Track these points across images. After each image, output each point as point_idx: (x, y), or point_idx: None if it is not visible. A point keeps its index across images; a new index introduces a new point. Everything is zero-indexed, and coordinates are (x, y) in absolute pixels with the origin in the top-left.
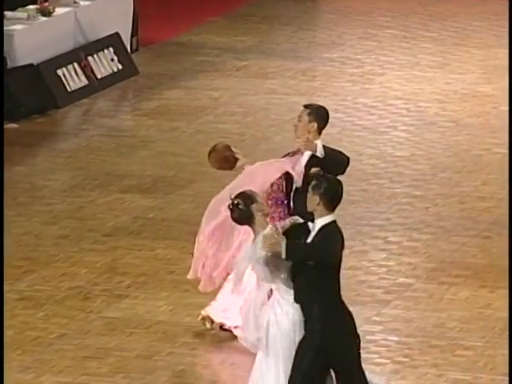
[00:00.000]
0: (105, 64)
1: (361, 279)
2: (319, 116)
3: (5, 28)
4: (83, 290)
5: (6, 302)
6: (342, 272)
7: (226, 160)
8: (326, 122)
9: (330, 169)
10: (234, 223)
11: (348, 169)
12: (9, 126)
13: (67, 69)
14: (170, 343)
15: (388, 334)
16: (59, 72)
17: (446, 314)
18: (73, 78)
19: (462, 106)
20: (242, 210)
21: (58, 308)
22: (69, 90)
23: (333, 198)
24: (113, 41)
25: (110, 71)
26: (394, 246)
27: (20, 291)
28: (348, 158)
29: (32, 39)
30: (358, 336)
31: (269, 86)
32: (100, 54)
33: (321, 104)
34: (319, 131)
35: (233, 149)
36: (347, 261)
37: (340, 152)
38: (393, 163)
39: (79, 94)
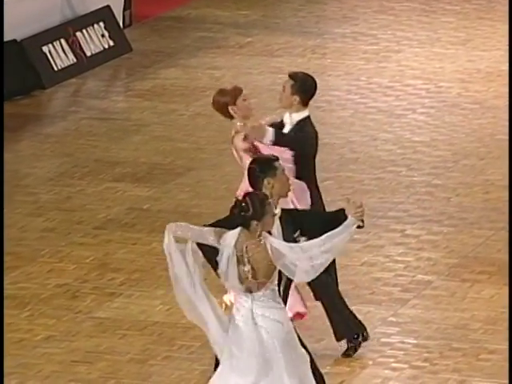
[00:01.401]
0: (95, 40)
1: (376, 276)
2: (302, 89)
3: None
4: (71, 288)
5: None
6: (357, 268)
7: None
8: (312, 94)
9: (288, 145)
10: None
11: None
12: None
13: (53, 45)
14: (167, 346)
15: (405, 336)
16: (45, 49)
17: (469, 314)
18: (60, 56)
19: (486, 86)
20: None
21: (43, 308)
22: (55, 68)
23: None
24: (103, 15)
25: (101, 48)
26: (412, 240)
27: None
28: (311, 146)
29: (15, 13)
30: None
31: (275, 65)
32: (89, 29)
33: (308, 73)
34: (303, 103)
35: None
36: (361, 256)
37: (308, 133)
38: (411, 149)
39: (67, 74)
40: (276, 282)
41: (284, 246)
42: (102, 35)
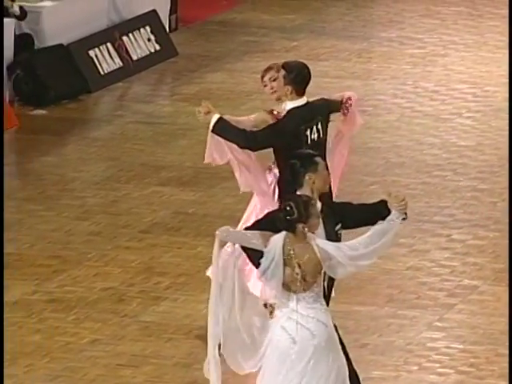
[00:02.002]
0: (141, 44)
1: (422, 281)
2: (296, 80)
3: (32, 5)
4: (117, 292)
5: (33, 304)
6: (402, 272)
7: None
8: (306, 83)
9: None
10: None
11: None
12: (36, 112)
13: (100, 49)
14: None
15: (451, 342)
16: (91, 53)
17: None
18: (106, 60)
19: None
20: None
21: (89, 311)
22: (102, 72)
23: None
24: (150, 19)
25: (147, 52)
26: (458, 245)
27: (49, 292)
28: (291, 133)
29: (62, 17)
30: None
31: (321, 69)
32: (136, 33)
33: (303, 62)
34: (297, 93)
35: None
36: (407, 260)
37: (282, 124)
38: (457, 153)
39: (113, 77)
40: (321, 283)
41: (331, 246)
42: (148, 39)
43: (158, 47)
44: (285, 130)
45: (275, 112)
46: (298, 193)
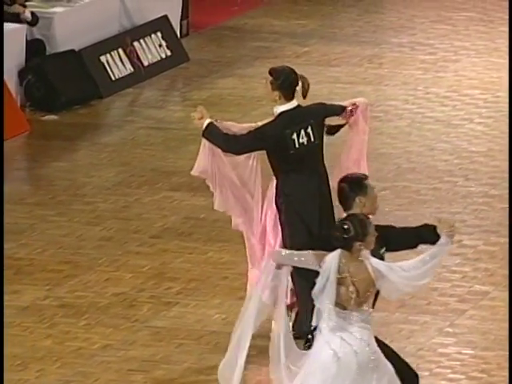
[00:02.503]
0: (152, 50)
1: (432, 286)
2: (282, 85)
3: (44, 10)
4: (128, 297)
5: (45, 309)
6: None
7: None
8: (294, 87)
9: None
10: None
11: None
12: (48, 117)
13: (111, 55)
14: (223, 355)
15: (462, 347)
16: (102, 59)
17: None
18: (117, 66)
19: None
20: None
21: (101, 316)
22: (113, 78)
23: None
24: (161, 25)
25: (158, 58)
26: (469, 250)
27: (60, 298)
28: (263, 141)
29: (73, 23)
30: None
31: (332, 74)
32: (147, 39)
33: (290, 67)
34: (286, 98)
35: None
36: None
37: (270, 126)
38: (468, 159)
39: (124, 83)
40: (371, 303)
41: (383, 266)
42: (160, 45)
43: (169, 53)
44: (267, 134)
45: None
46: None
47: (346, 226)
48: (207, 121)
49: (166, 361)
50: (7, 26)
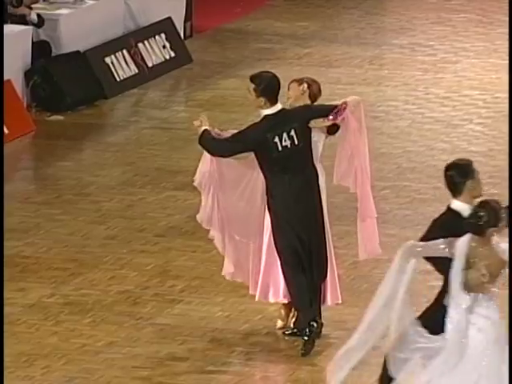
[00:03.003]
0: (156, 51)
1: (432, 284)
2: (265, 90)
3: (49, 12)
4: (133, 295)
5: (50, 307)
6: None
7: None
8: (277, 91)
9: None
10: None
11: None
12: (53, 117)
13: (116, 56)
14: (226, 352)
15: None
16: (107, 60)
17: None
18: (122, 67)
19: None
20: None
21: (105, 314)
22: (117, 79)
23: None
24: (165, 26)
25: (162, 59)
26: None
27: (65, 295)
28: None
29: (79, 24)
30: None
31: (333, 75)
32: (151, 40)
33: (270, 72)
34: (271, 102)
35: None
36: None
37: (247, 132)
38: None
39: (129, 84)
40: (498, 284)
41: None
42: (164, 46)
43: (172, 54)
44: (248, 137)
45: None
46: (456, 200)
47: (481, 213)
48: (203, 128)
49: (170, 357)
50: (14, 27)
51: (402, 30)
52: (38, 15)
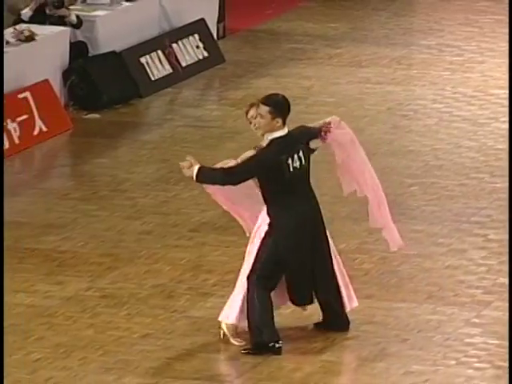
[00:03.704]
0: (190, 51)
1: (459, 279)
2: (283, 111)
3: (87, 14)
4: (167, 288)
5: (87, 300)
6: (441, 271)
7: None
8: (289, 111)
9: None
10: None
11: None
12: (90, 116)
13: (151, 56)
14: None
15: (488, 337)
16: (142, 60)
17: None
18: (156, 66)
19: None
20: None
21: (141, 307)
22: (152, 78)
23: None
24: (198, 27)
25: (196, 59)
26: (494, 245)
27: (102, 289)
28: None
29: (115, 25)
30: None
31: (362, 75)
32: (185, 40)
33: (277, 93)
34: (284, 123)
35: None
36: (445, 259)
37: (261, 156)
38: (494, 156)
39: (163, 83)
40: None
41: None
42: (197, 46)
43: (206, 54)
44: (265, 161)
45: (259, 146)
46: None
47: None
48: (196, 166)
49: (203, 350)
50: (52, 28)
51: (430, 31)
52: (77, 16)
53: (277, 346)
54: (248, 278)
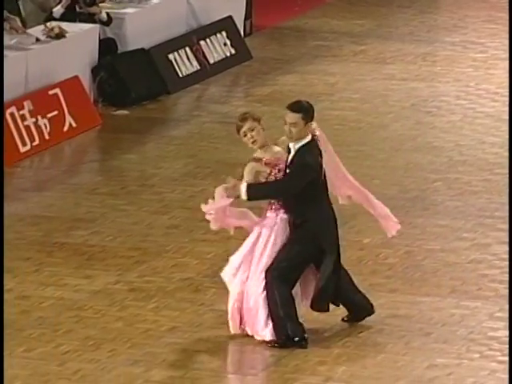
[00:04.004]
0: (217, 48)
1: (483, 273)
2: (312, 114)
3: (115, 11)
4: (194, 282)
5: (116, 293)
6: (465, 265)
7: None
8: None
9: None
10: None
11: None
12: (119, 112)
13: (179, 53)
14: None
15: None
16: (170, 57)
17: None
18: (184, 63)
19: None
20: None
21: (168, 300)
22: (180, 75)
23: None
24: (226, 24)
25: (223, 56)
26: None
27: (130, 282)
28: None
29: (143, 23)
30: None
31: (387, 72)
32: (212, 38)
33: (301, 99)
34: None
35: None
36: (469, 254)
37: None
38: None
39: (191, 80)
40: None
41: None
42: (224, 44)
43: (233, 51)
44: (313, 164)
45: (265, 159)
46: None
47: None
48: (244, 184)
49: (229, 343)
50: (82, 25)
51: (454, 28)
52: (107, 14)
53: (301, 341)
54: (268, 272)
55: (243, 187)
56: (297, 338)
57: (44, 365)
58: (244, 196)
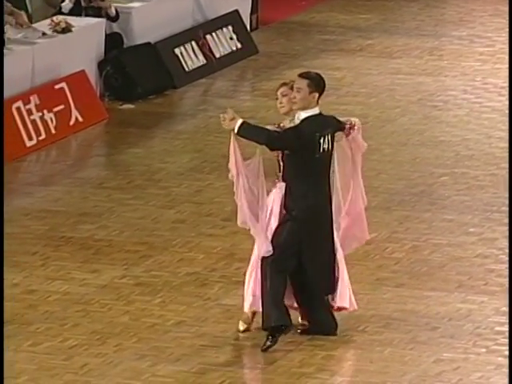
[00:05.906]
0: (223, 43)
1: (490, 268)
2: (320, 86)
3: (122, 5)
4: (201, 277)
5: (122, 288)
6: (471, 260)
7: None
8: (324, 90)
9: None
10: None
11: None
12: (125, 106)
13: (185, 48)
14: (290, 332)
15: None
16: (177, 51)
17: None
18: (191, 57)
19: None
20: None
21: (174, 294)
22: (186, 69)
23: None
24: (232, 19)
25: (229, 50)
26: None
27: (136, 276)
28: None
29: (150, 17)
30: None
31: (394, 66)
32: (219, 32)
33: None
34: (318, 101)
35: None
36: (476, 248)
37: (299, 130)
38: None
39: (197, 74)
40: None
41: None
42: (231, 38)
43: (239, 45)
44: (303, 133)
45: (282, 125)
46: None
47: None
48: (240, 120)
49: (236, 337)
50: (88, 20)
51: (461, 22)
52: (116, 10)
53: (283, 327)
54: (263, 259)
55: (239, 121)
56: (277, 325)
57: (50, 359)
58: (236, 129)
